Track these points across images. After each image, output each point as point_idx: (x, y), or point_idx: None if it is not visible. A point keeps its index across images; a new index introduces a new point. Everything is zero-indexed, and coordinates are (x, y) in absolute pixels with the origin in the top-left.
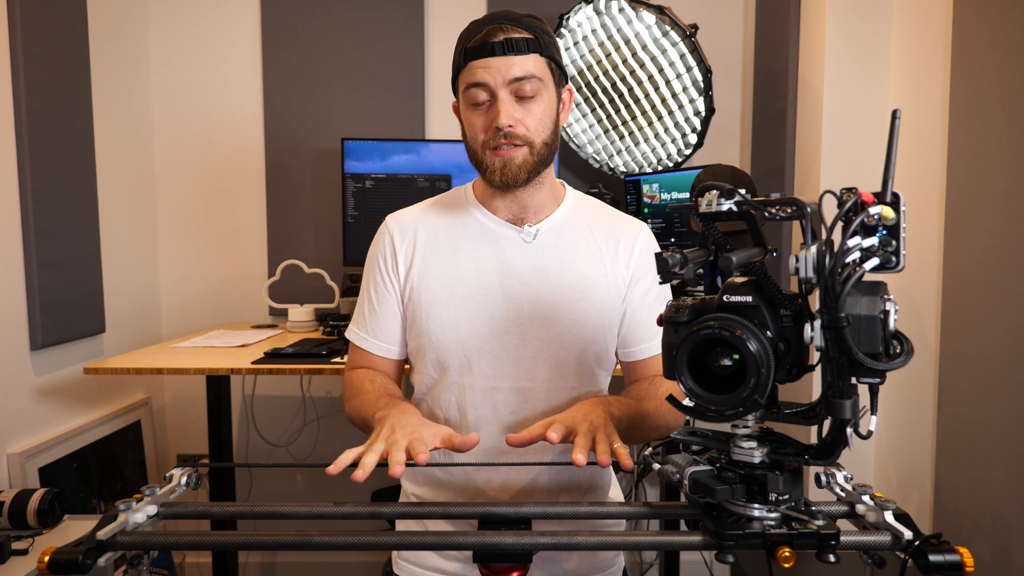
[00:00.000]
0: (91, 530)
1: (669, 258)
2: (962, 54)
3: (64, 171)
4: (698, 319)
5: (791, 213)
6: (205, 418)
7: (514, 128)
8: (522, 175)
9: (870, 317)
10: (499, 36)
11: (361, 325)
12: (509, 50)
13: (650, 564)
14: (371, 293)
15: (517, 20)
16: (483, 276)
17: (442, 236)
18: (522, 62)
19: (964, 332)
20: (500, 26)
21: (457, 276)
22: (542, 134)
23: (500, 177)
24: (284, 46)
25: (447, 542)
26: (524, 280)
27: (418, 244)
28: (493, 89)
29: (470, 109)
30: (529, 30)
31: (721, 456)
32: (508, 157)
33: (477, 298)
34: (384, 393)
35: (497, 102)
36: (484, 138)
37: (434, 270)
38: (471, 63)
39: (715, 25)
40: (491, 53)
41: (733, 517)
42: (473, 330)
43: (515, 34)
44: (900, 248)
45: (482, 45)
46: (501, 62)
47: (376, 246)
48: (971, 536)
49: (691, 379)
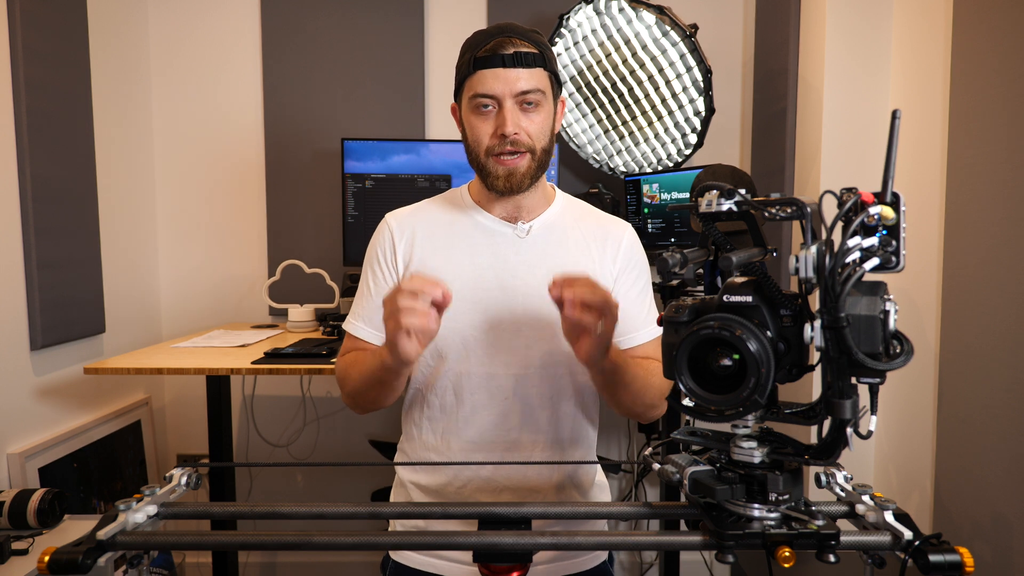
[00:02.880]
0: (91, 530)
1: (669, 258)
2: (962, 54)
3: (64, 171)
4: (698, 319)
5: (791, 213)
6: (205, 418)
7: (519, 136)
8: (525, 182)
9: (870, 317)
10: (509, 48)
11: (358, 315)
12: (518, 63)
13: (650, 564)
14: (370, 285)
15: (524, 34)
16: (479, 270)
17: (440, 232)
18: (528, 76)
19: (964, 332)
20: (510, 39)
21: (454, 270)
22: (542, 141)
23: (504, 184)
24: (284, 46)
25: (447, 542)
26: (518, 274)
27: (416, 240)
28: (500, 99)
29: (474, 114)
30: (535, 45)
31: (721, 456)
32: (513, 166)
33: (475, 291)
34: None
35: (503, 110)
36: (488, 144)
37: (431, 264)
38: (480, 71)
39: (715, 25)
40: (501, 64)
41: (733, 517)
42: (470, 321)
43: (523, 48)
44: (900, 248)
45: (492, 56)
46: (510, 74)
47: (376, 241)
48: (971, 536)
49: (691, 379)
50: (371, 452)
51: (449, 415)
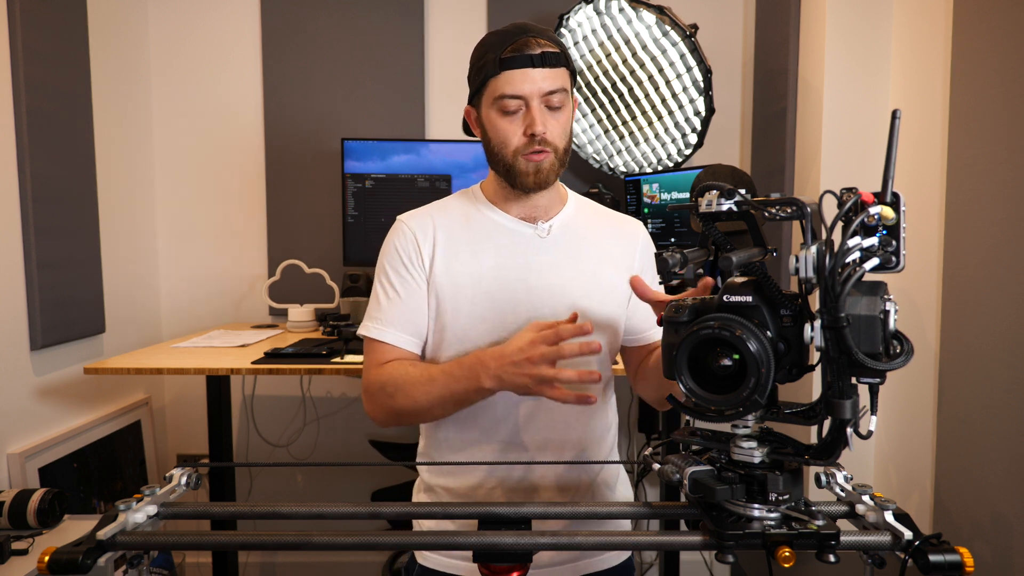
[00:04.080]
0: (91, 530)
1: (669, 258)
2: (962, 54)
3: (64, 171)
4: (698, 319)
5: (791, 213)
6: (205, 418)
7: (546, 135)
8: (552, 177)
9: (870, 317)
10: (535, 49)
11: (389, 323)
12: (545, 63)
13: (650, 564)
14: (395, 288)
15: (544, 34)
16: (504, 271)
17: (461, 234)
18: (553, 76)
19: (964, 332)
20: (534, 39)
21: (480, 272)
22: (564, 140)
23: (534, 180)
24: (284, 46)
25: (447, 542)
26: (542, 274)
27: (438, 242)
28: (527, 99)
29: (501, 116)
30: (556, 44)
31: (721, 456)
32: (539, 162)
33: (501, 292)
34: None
35: (531, 111)
36: (517, 144)
37: (455, 266)
38: (507, 72)
39: (715, 25)
40: (529, 64)
41: (733, 517)
42: (499, 321)
43: (548, 48)
44: (900, 248)
45: (519, 56)
46: (538, 74)
47: (397, 243)
48: (971, 536)
49: (691, 379)
50: (371, 452)
51: (477, 416)
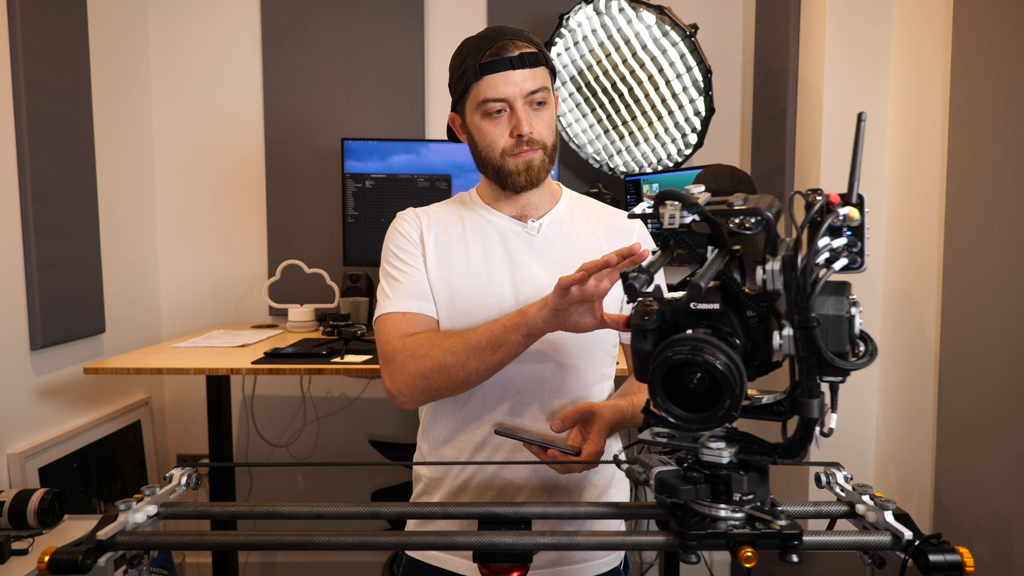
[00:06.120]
0: (91, 530)
1: (635, 281)
2: (962, 54)
3: (64, 171)
4: (668, 341)
5: (754, 225)
6: (205, 418)
7: (533, 134)
8: (542, 174)
9: (837, 317)
10: (514, 51)
11: (406, 295)
12: (525, 64)
13: (650, 564)
14: (407, 263)
15: (520, 35)
16: (492, 266)
17: (454, 229)
18: (533, 75)
19: (964, 332)
20: (511, 41)
21: (468, 267)
22: (551, 136)
23: (525, 178)
24: (284, 46)
25: (447, 542)
26: (530, 269)
27: (434, 237)
28: (511, 101)
29: (485, 120)
30: (533, 44)
31: (688, 456)
32: (529, 160)
33: (488, 286)
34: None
35: (515, 112)
36: (505, 145)
37: (446, 261)
38: (488, 76)
39: (715, 25)
40: (509, 67)
41: (698, 517)
42: (486, 315)
43: (526, 49)
44: (864, 249)
45: (499, 60)
46: (519, 75)
47: (401, 229)
48: (971, 536)
49: (668, 400)
50: (371, 452)
51: (462, 410)
